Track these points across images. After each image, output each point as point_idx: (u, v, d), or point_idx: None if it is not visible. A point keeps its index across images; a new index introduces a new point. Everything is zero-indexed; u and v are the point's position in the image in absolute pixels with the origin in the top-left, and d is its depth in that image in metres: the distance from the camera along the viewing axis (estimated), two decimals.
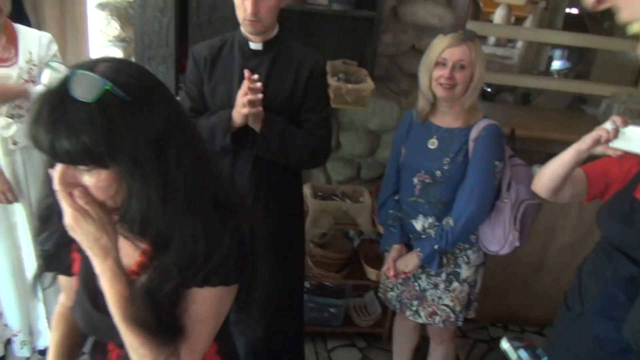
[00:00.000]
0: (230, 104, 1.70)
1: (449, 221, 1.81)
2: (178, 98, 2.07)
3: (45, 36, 1.98)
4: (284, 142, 1.74)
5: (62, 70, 1.82)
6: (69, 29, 3.90)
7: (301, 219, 2.08)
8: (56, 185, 0.79)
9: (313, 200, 2.42)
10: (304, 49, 1.79)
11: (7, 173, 1.96)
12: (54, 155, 0.76)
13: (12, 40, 1.91)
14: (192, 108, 1.83)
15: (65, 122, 0.73)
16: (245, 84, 1.60)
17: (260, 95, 1.61)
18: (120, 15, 2.35)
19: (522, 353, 1.32)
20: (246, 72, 1.60)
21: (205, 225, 0.86)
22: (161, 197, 0.81)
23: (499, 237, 1.83)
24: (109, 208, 0.83)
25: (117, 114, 0.75)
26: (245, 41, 1.75)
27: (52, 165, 0.81)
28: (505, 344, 1.35)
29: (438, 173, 1.82)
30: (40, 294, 2.10)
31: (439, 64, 1.74)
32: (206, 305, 0.92)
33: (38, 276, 1.00)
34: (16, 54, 1.91)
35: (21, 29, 1.95)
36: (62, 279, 1.06)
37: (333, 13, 2.27)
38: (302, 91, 1.77)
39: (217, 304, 0.93)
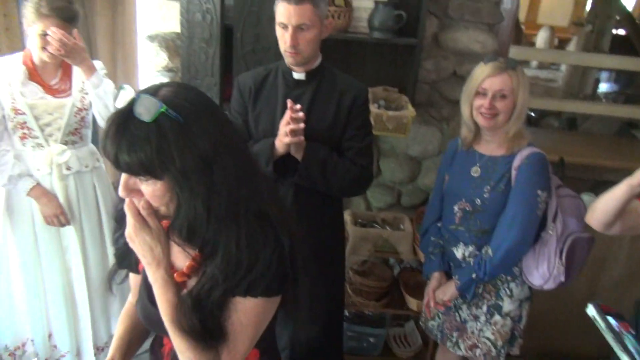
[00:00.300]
0: (273, 132, 1.73)
1: (487, 250, 1.76)
2: None
3: (98, 64, 2.07)
4: (325, 171, 1.75)
5: (132, 93, 1.94)
6: (119, 59, 4.08)
7: (341, 246, 2.07)
8: (120, 192, 0.92)
9: (353, 227, 2.41)
10: (346, 78, 1.81)
11: (61, 197, 2.03)
12: (117, 166, 0.88)
13: (68, 72, 2.01)
14: None
15: (126, 138, 0.85)
16: (288, 114, 1.63)
17: (302, 125, 1.63)
18: (169, 46, 2.43)
19: (611, 319, 1.34)
20: (289, 102, 1.63)
21: (248, 237, 0.93)
22: (205, 207, 0.89)
23: (543, 270, 1.76)
24: (162, 215, 0.95)
25: (169, 133, 0.85)
26: (288, 71, 1.78)
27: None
28: (592, 310, 1.37)
29: (478, 201, 1.78)
30: (88, 314, 2.17)
31: (480, 93, 1.72)
32: (248, 315, 0.98)
33: (113, 273, 1.15)
34: (70, 85, 2.01)
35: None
36: (132, 276, 1.20)
37: (374, 41, 2.29)
38: (344, 120, 1.78)
39: (258, 314, 1.00)
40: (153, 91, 0.89)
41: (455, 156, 1.92)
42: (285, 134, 1.64)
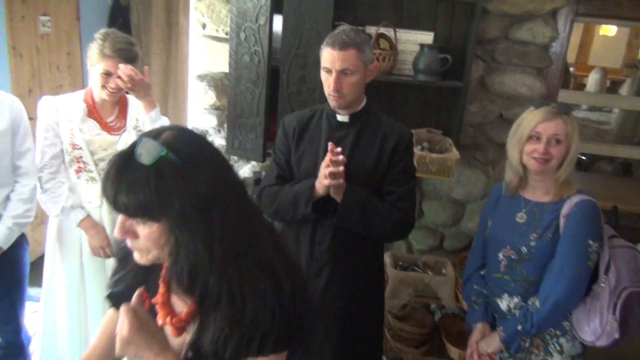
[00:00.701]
0: (315, 173, 1.73)
1: (534, 302, 1.68)
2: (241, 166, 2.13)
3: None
4: (365, 215, 1.73)
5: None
6: (170, 96, 4.27)
7: (380, 288, 2.03)
8: (116, 232, 0.92)
9: (393, 270, 2.37)
10: (390, 121, 1.81)
11: (108, 230, 2.10)
12: (115, 207, 0.88)
13: (124, 111, 2.11)
14: (278, 175, 1.88)
15: (126, 180, 0.86)
16: (328, 156, 1.63)
17: (341, 168, 1.62)
18: (217, 85, 2.52)
19: None
20: (330, 145, 1.64)
21: (251, 285, 0.92)
22: (207, 250, 0.88)
23: (594, 326, 1.66)
24: (156, 258, 0.93)
25: (169, 176, 0.86)
26: (332, 113, 1.79)
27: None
28: None
29: (524, 249, 1.71)
30: None
31: (532, 137, 1.68)
32: None
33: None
34: (125, 123, 2.10)
35: (130, 98, 2.15)
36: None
37: (419, 84, 2.29)
38: (387, 163, 1.76)
39: None
40: (155, 135, 0.90)
41: (498, 201, 1.87)
42: (325, 176, 1.64)
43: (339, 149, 1.64)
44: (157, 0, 4.07)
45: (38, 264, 2.41)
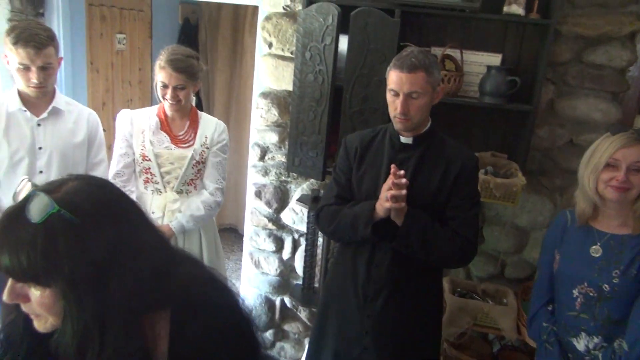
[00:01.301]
0: (375, 195, 1.71)
1: (622, 344, 1.55)
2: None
3: (221, 125, 2.21)
4: (426, 239, 1.69)
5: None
6: (233, 111, 4.38)
7: (438, 315, 1.96)
8: (4, 297, 0.80)
9: (451, 296, 2.29)
10: (455, 145, 1.77)
11: (173, 241, 2.16)
12: None
13: (194, 125, 2.17)
14: (338, 195, 1.87)
15: (10, 240, 0.75)
16: (390, 178, 1.61)
17: (404, 192, 1.59)
18: (280, 103, 2.56)
19: None
20: (392, 167, 1.61)
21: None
22: (98, 323, 0.77)
23: None
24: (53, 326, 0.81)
25: (60, 236, 0.75)
26: (396, 134, 1.77)
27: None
28: None
29: (606, 287, 1.60)
30: None
31: (610, 165, 1.59)
32: None
33: None
34: (194, 137, 2.16)
35: (203, 116, 2.22)
36: None
37: (485, 106, 2.24)
38: (450, 188, 1.72)
39: None
40: (53, 188, 0.80)
41: (565, 232, 1.75)
42: (387, 198, 1.61)
43: (402, 172, 1.61)
44: (224, 20, 4.22)
45: None
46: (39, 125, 1.99)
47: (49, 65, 1.91)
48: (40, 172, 1.99)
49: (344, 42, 2.17)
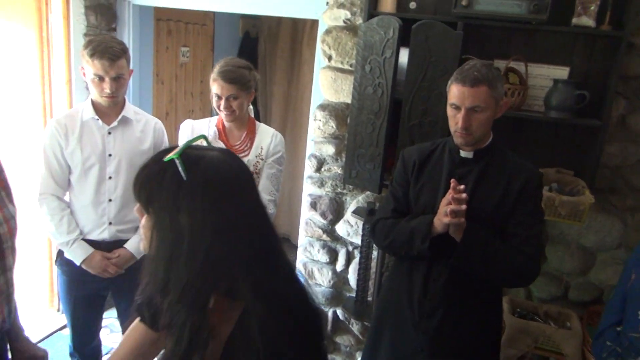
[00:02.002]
0: (433, 209, 1.68)
1: None
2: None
3: (277, 136, 2.24)
4: (485, 256, 1.64)
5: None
6: (289, 123, 4.44)
7: (497, 335, 1.90)
8: (135, 209, 0.95)
9: (511, 316, 2.21)
10: (518, 160, 1.71)
11: None
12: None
13: (251, 136, 2.22)
14: (394, 208, 1.85)
15: (145, 168, 0.91)
16: (450, 193, 1.58)
17: (463, 207, 1.55)
18: (338, 115, 2.57)
19: None
20: (452, 182, 1.58)
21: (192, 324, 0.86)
22: (166, 270, 0.86)
23: None
24: None
25: (165, 180, 0.86)
26: (456, 148, 1.74)
27: None
28: None
29: None
30: None
31: None
32: None
33: None
34: (250, 148, 2.21)
35: (261, 127, 2.26)
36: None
37: (550, 121, 2.16)
38: (512, 204, 1.66)
39: None
40: (202, 148, 0.93)
41: None
42: (445, 213, 1.58)
43: (462, 187, 1.57)
44: (283, 33, 4.30)
45: None
46: (109, 133, 2.09)
47: (121, 76, 2.01)
48: (110, 177, 2.09)
49: (404, 55, 2.16)
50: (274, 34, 4.37)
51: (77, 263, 2.06)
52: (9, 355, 1.43)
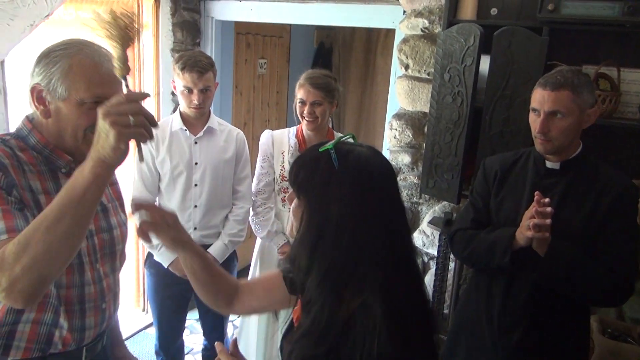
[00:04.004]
0: (515, 222, 1.62)
1: None
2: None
3: None
4: (571, 274, 1.55)
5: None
6: (362, 133, 4.46)
7: (584, 356, 1.79)
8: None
9: (601, 336, 2.08)
10: (610, 172, 1.61)
11: None
12: None
13: None
14: (474, 219, 1.81)
15: (304, 156, 1.01)
16: (534, 206, 1.51)
17: (548, 221, 1.48)
18: (414, 124, 2.56)
19: None
20: (536, 195, 1.51)
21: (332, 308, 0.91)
22: (312, 254, 0.92)
23: None
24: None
25: (319, 169, 0.93)
26: (541, 158, 1.67)
27: None
28: None
29: None
30: None
31: None
32: None
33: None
34: None
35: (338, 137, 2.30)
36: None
37: None
38: (603, 220, 1.56)
39: None
40: (353, 144, 1.00)
41: None
42: (528, 227, 1.52)
43: (546, 200, 1.51)
44: (357, 43, 4.34)
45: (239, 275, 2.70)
46: (195, 143, 2.21)
47: (208, 89, 2.12)
48: (195, 185, 2.20)
49: (484, 63, 2.11)
50: (348, 44, 4.42)
51: (165, 265, 2.18)
52: None
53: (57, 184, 1.21)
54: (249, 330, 2.45)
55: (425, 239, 2.64)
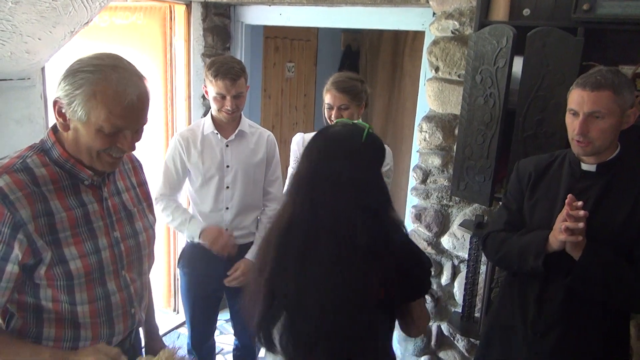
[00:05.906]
0: (549, 225, 1.60)
1: None
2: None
3: (386, 150, 2.27)
4: (607, 279, 1.52)
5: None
6: (389, 136, 4.45)
7: None
8: None
9: None
10: None
11: None
12: None
13: None
14: (507, 221, 1.79)
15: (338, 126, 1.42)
16: (566, 209, 1.49)
17: (581, 224, 1.46)
18: (444, 126, 2.54)
19: None
20: (568, 197, 1.49)
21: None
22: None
23: None
24: None
25: (355, 147, 1.31)
26: (576, 161, 1.65)
27: None
28: None
29: None
30: None
31: None
32: None
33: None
34: None
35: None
36: None
37: None
38: None
39: None
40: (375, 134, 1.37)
41: None
42: (561, 230, 1.50)
43: (579, 203, 1.48)
44: (384, 45, 4.34)
45: None
46: (227, 146, 2.24)
47: (240, 94, 2.15)
48: (227, 187, 2.23)
49: (517, 64, 2.09)
50: (375, 46, 4.42)
51: (196, 238, 2.16)
52: (144, 353, 1.57)
53: (79, 197, 1.23)
54: None
55: (455, 241, 2.62)
